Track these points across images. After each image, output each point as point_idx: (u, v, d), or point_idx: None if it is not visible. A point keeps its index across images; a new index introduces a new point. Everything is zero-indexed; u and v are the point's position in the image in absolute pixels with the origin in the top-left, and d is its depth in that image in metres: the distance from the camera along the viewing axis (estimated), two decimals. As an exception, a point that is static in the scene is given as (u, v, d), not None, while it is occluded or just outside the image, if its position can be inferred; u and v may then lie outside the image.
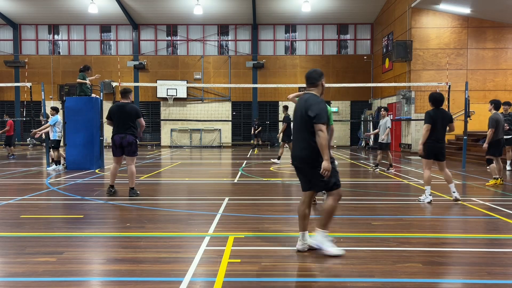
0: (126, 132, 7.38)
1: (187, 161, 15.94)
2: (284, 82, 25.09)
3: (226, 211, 6.23)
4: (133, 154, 7.50)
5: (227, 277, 3.53)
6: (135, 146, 7.49)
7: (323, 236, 4.21)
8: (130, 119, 7.42)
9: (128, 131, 7.39)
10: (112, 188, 7.65)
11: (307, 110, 4.11)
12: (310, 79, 4.38)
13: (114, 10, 24.49)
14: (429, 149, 6.91)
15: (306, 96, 4.31)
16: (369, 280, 3.50)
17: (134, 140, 7.42)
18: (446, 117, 6.94)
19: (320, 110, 4.06)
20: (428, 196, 6.91)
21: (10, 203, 6.87)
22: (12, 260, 4.01)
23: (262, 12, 24.85)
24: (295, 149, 4.32)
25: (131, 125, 7.43)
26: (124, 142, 7.36)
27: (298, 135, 4.27)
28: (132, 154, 7.47)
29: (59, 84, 25.90)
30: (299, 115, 4.26)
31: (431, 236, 4.95)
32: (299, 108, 4.28)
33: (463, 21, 19.05)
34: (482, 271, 3.75)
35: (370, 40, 26.26)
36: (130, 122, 7.42)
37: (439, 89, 17.40)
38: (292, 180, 9.86)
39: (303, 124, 4.18)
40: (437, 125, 6.81)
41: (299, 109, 4.29)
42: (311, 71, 4.43)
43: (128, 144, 7.36)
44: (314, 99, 4.18)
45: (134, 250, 4.32)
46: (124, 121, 7.40)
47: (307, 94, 4.35)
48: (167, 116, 25.92)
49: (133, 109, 7.48)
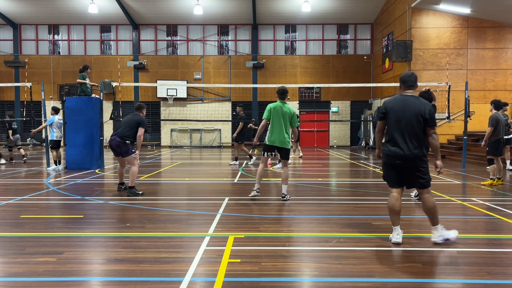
0: (116, 135, 7.72)
1: (187, 161, 15.94)
2: (284, 82, 25.10)
3: (226, 211, 6.23)
4: (126, 154, 7.72)
5: (227, 277, 3.53)
6: (125, 147, 7.68)
7: (441, 229, 4.51)
8: (129, 125, 7.75)
9: (119, 134, 7.69)
10: (121, 185, 8.03)
11: (423, 112, 4.39)
12: (408, 81, 4.60)
13: (114, 10, 24.49)
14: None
15: (412, 98, 4.53)
16: (369, 280, 3.50)
17: (120, 141, 7.64)
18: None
19: (434, 114, 4.51)
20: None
21: (10, 203, 6.88)
22: (12, 260, 4.01)
23: (262, 12, 24.85)
24: (401, 148, 4.42)
25: (126, 130, 7.71)
26: (113, 144, 7.74)
27: (406, 134, 4.41)
28: (125, 154, 7.73)
29: (59, 84, 25.90)
30: (408, 116, 4.41)
31: (431, 236, 4.94)
32: (407, 108, 4.44)
33: (463, 21, 19.06)
34: (482, 271, 3.75)
35: (370, 40, 26.26)
36: (127, 128, 7.73)
37: (439, 89, 17.46)
38: (292, 180, 9.86)
39: (416, 124, 4.40)
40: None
41: (407, 109, 4.44)
42: (410, 74, 4.63)
43: (116, 146, 7.70)
44: (428, 103, 4.49)
45: (134, 250, 4.32)
46: (123, 126, 7.82)
47: (411, 96, 4.55)
48: (167, 116, 25.93)
49: (139, 118, 7.85)
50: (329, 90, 25.84)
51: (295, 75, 26.04)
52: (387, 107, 4.58)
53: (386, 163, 4.61)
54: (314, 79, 25.72)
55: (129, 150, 7.71)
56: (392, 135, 4.51)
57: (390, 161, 4.55)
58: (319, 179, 10.09)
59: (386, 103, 4.67)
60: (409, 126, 4.41)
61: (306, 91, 25.89)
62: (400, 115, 4.45)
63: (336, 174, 11.71)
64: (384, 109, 4.61)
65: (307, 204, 6.91)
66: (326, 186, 9.12)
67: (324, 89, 25.74)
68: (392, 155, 4.50)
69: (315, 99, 25.97)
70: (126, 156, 7.73)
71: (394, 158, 4.48)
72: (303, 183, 9.32)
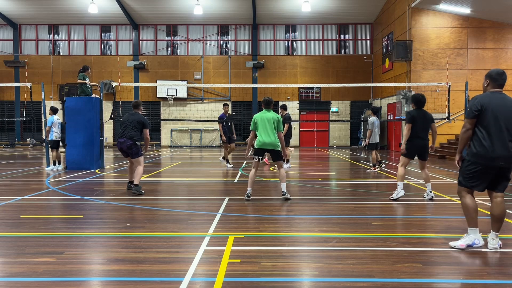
0: (125, 137, 7.82)
1: (187, 161, 15.94)
2: (284, 82, 25.13)
3: (226, 211, 6.23)
4: (136, 156, 7.89)
5: (227, 277, 3.53)
6: (136, 148, 7.87)
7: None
8: (133, 126, 7.88)
9: (128, 136, 7.80)
10: (131, 183, 8.05)
11: None
12: (501, 80, 4.34)
13: (114, 10, 24.49)
14: (412, 148, 7.06)
15: (506, 96, 4.31)
16: (369, 280, 3.50)
17: (132, 143, 7.80)
18: (428, 117, 7.09)
19: None
20: (400, 190, 7.07)
21: (10, 203, 6.87)
22: (12, 260, 4.00)
23: (262, 12, 24.85)
24: (505, 149, 4.16)
25: (133, 131, 7.84)
26: (123, 146, 7.83)
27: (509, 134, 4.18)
28: (135, 156, 7.89)
29: (59, 84, 25.91)
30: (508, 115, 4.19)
31: (431, 236, 4.95)
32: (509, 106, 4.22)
33: (463, 21, 19.06)
34: (482, 271, 3.75)
35: (370, 40, 26.26)
36: (133, 129, 7.86)
37: (439, 89, 17.47)
38: (292, 180, 9.86)
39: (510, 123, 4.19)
40: (418, 124, 6.94)
41: (508, 107, 4.21)
42: (502, 72, 4.36)
43: (127, 148, 7.82)
44: None
45: (134, 250, 4.32)
46: (127, 127, 7.89)
47: (505, 94, 4.33)
48: (167, 116, 25.93)
49: (140, 118, 8.00)
50: (329, 90, 25.84)
51: (295, 75, 26.04)
52: (483, 103, 4.21)
53: (479, 165, 4.23)
54: (314, 79, 25.73)
55: (139, 151, 7.92)
56: (490, 134, 4.18)
57: (487, 162, 4.19)
58: (319, 179, 10.08)
59: (480, 99, 4.27)
60: (510, 124, 4.17)
61: (306, 91, 25.90)
62: (501, 113, 4.17)
63: (336, 174, 11.72)
64: (479, 105, 4.22)
65: (307, 204, 6.91)
66: (326, 186, 9.12)
67: (324, 89, 25.75)
68: (492, 157, 4.16)
69: (315, 99, 25.98)
70: (136, 158, 7.88)
71: (494, 159, 4.16)
72: (303, 183, 9.32)
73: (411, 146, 7.05)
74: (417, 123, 6.94)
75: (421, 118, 6.98)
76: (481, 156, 4.21)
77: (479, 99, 4.28)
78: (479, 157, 4.22)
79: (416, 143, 7.00)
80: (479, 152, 4.22)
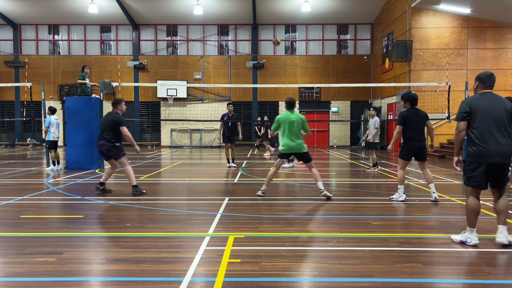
0: (103, 139, 7.58)
1: (187, 161, 15.94)
2: (284, 82, 25.13)
3: (226, 211, 6.23)
4: (118, 157, 7.65)
5: (227, 277, 3.53)
6: (116, 149, 7.61)
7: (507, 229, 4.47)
8: (108, 127, 7.58)
9: (105, 138, 7.56)
10: (101, 185, 7.77)
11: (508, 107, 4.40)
12: (490, 81, 4.56)
13: (114, 10, 24.49)
14: (408, 150, 7.01)
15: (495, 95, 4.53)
16: (369, 280, 3.50)
17: (111, 145, 7.54)
18: (421, 115, 7.02)
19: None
20: (402, 194, 7.01)
21: (10, 203, 6.87)
22: (12, 260, 4.00)
23: (262, 12, 24.85)
24: (499, 146, 4.32)
25: (108, 132, 7.56)
26: (103, 149, 7.61)
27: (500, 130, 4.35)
28: (117, 157, 7.65)
29: (59, 84, 25.91)
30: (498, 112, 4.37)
31: (431, 236, 4.95)
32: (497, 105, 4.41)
33: (463, 21, 19.06)
34: (482, 271, 3.75)
35: (370, 40, 26.26)
36: (108, 129, 7.57)
37: (439, 89, 17.47)
38: (292, 180, 9.86)
39: (506, 119, 4.38)
40: (412, 125, 6.91)
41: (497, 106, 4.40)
42: (490, 74, 4.59)
43: (107, 150, 7.59)
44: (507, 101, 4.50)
45: (134, 250, 4.32)
46: (104, 130, 7.64)
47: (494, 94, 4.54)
48: (167, 116, 25.93)
49: (114, 117, 7.64)
50: (329, 90, 25.84)
51: (295, 75, 26.05)
52: (472, 105, 4.42)
53: (477, 163, 4.37)
54: (314, 79, 25.73)
55: (120, 152, 7.65)
56: (482, 133, 4.34)
57: (485, 160, 4.33)
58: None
59: (468, 102, 4.48)
60: (501, 122, 4.35)
61: (306, 91, 25.90)
62: (490, 112, 4.36)
63: (336, 174, 11.72)
64: (468, 107, 4.43)
65: (307, 204, 6.91)
66: (326, 186, 9.10)
67: (324, 89, 25.75)
68: (487, 154, 4.31)
69: (315, 99, 25.98)
70: (118, 159, 7.66)
71: (490, 156, 4.31)
72: (303, 183, 9.32)
73: (407, 148, 7.00)
74: (410, 124, 6.89)
75: (414, 117, 6.91)
76: (477, 155, 4.38)
77: (467, 101, 4.51)
78: (476, 156, 4.39)
79: (412, 145, 6.94)
80: (475, 151, 4.39)
